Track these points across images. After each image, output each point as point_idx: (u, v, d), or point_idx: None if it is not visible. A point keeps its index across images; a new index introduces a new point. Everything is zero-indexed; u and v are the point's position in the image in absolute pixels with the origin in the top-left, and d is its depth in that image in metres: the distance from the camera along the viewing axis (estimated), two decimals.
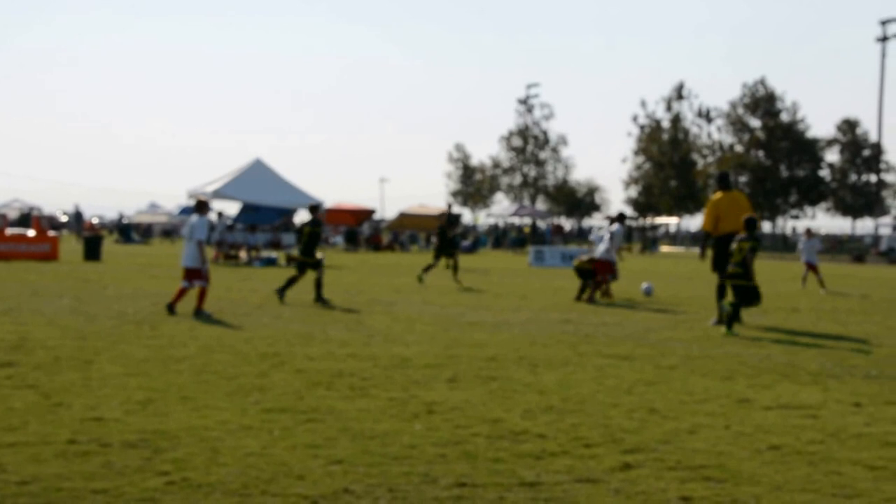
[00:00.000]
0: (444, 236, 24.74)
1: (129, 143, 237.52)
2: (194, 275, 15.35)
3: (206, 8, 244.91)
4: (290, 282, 18.25)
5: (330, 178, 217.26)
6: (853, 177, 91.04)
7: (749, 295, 14.22)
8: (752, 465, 6.39)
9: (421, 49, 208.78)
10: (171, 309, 15.15)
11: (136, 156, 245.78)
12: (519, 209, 79.39)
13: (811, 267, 25.79)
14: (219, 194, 36.41)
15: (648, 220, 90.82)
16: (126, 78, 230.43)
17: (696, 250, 60.42)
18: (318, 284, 17.99)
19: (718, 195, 16.08)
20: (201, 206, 16.01)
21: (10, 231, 36.41)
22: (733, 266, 14.38)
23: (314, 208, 19.23)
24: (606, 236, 20.53)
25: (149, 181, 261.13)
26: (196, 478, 5.83)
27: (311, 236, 18.41)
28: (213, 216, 36.14)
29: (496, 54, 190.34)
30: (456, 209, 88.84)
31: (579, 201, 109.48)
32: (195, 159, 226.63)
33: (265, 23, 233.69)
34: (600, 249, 20.24)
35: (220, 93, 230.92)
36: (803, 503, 5.60)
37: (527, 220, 77.94)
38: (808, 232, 27.88)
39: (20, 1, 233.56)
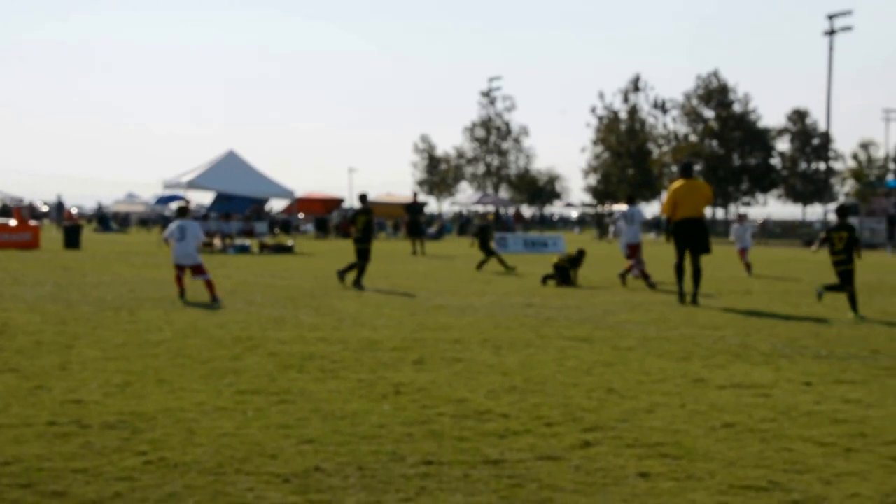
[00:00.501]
0: (484, 235, 25.97)
1: (107, 136, 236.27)
2: (198, 271, 15.85)
3: (179, 2, 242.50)
4: (353, 268, 18.89)
5: (300, 167, 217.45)
6: (803, 165, 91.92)
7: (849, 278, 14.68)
8: (706, 442, 6.50)
9: (388, 43, 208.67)
10: (181, 295, 15.59)
11: (114, 147, 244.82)
12: (482, 197, 79.57)
13: (742, 251, 25.70)
14: (193, 184, 36.61)
15: (606, 207, 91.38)
16: (105, 72, 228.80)
17: (652, 236, 61.30)
18: (361, 270, 18.84)
19: (679, 182, 16.41)
20: (183, 211, 16.82)
21: None
22: (836, 254, 14.81)
23: (363, 197, 19.92)
24: (623, 221, 20.80)
25: (126, 172, 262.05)
26: (172, 457, 5.93)
27: (367, 224, 19.32)
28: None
29: (460, 48, 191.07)
30: (422, 197, 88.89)
31: (540, 189, 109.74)
32: (171, 151, 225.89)
33: (237, 16, 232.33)
34: (629, 236, 20.41)
35: (194, 86, 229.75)
36: (756, 478, 5.69)
37: (490, 208, 78.06)
38: (741, 217, 28.29)
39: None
